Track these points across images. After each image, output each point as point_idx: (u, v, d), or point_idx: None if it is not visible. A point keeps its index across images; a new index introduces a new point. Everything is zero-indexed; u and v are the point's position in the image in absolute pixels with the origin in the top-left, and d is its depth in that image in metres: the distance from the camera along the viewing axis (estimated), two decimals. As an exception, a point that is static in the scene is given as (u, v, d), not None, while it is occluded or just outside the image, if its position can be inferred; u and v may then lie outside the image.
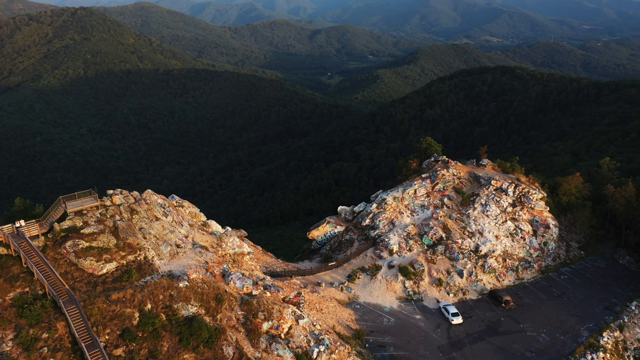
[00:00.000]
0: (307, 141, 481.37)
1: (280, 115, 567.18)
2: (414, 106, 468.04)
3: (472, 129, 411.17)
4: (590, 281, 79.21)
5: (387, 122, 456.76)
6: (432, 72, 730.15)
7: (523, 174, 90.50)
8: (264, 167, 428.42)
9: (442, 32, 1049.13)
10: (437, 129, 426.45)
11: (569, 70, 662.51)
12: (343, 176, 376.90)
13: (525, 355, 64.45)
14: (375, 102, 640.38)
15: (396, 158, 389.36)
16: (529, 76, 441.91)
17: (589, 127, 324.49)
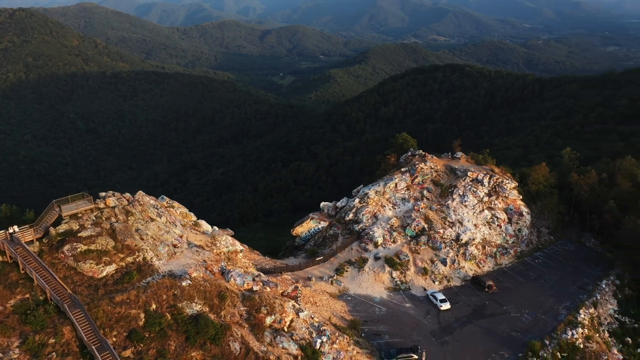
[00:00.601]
0: (264, 142, 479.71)
1: (234, 117, 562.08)
2: (369, 105, 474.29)
3: (425, 126, 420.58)
4: (562, 264, 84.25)
5: (343, 121, 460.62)
6: (383, 71, 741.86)
7: (495, 165, 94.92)
8: (220, 170, 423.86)
9: (391, 32, 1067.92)
10: (392, 127, 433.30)
11: (512, 67, 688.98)
12: (301, 176, 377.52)
13: (511, 335, 68.15)
14: (329, 101, 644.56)
15: (353, 157, 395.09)
16: (478, 74, 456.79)
17: (537, 121, 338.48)
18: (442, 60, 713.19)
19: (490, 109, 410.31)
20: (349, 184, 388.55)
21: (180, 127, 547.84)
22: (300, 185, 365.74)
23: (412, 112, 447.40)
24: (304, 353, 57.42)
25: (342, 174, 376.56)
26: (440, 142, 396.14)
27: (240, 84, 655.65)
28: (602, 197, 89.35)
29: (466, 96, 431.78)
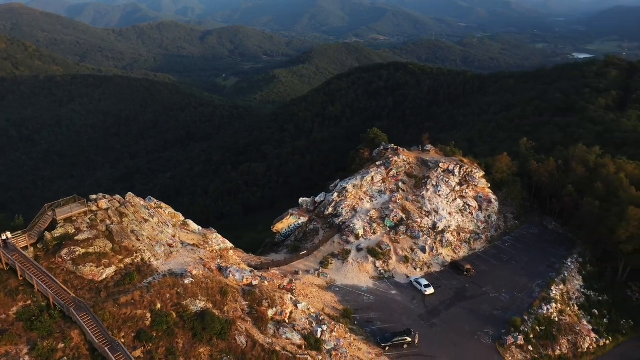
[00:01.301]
0: (211, 144, 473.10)
1: (179, 120, 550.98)
2: (316, 104, 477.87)
3: (372, 124, 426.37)
4: (529, 246, 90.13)
5: (291, 121, 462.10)
6: (327, 71, 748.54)
7: (462, 156, 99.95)
8: (167, 174, 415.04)
9: (332, 32, 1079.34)
10: (340, 125, 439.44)
11: (451, 64, 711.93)
12: (252, 177, 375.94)
13: (493, 313, 72.68)
14: (275, 101, 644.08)
15: (303, 156, 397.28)
16: (420, 71, 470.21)
17: (478, 116, 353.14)
18: (383, 59, 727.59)
19: (433, 105, 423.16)
20: (299, 182, 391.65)
21: (122, 132, 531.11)
22: (252, 186, 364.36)
23: (360, 110, 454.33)
24: (307, 342, 59.22)
25: (293, 173, 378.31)
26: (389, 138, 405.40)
27: (184, 86, 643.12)
28: (561, 183, 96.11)
29: (411, 93, 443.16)
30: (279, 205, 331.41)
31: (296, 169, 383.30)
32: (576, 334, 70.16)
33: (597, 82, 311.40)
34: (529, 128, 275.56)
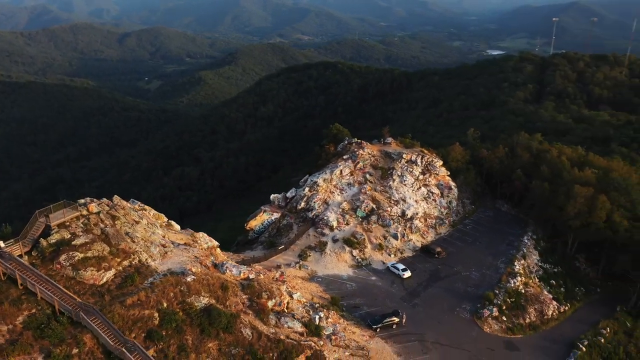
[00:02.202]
0: (139, 150, 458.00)
1: (101, 126, 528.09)
2: (247, 105, 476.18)
3: (305, 123, 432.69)
4: (488, 227, 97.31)
5: (222, 123, 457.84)
6: (253, 71, 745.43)
7: (420, 147, 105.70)
8: (94, 183, 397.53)
9: (256, 32, 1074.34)
10: (273, 125, 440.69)
11: (375, 63, 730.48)
12: (186, 181, 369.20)
13: (467, 290, 78.38)
14: (203, 104, 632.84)
15: (237, 158, 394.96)
16: (349, 70, 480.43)
17: (408, 111, 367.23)
18: (309, 58, 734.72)
19: (364, 103, 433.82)
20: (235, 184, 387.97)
21: (40, 140, 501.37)
22: (186, 191, 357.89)
23: (291, 110, 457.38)
24: (308, 329, 61.54)
25: (228, 176, 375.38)
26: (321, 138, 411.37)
27: (105, 91, 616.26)
28: (509, 168, 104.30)
29: (341, 92, 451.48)
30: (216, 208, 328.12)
31: (231, 171, 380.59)
32: (541, 302, 77.21)
33: (515, 76, 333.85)
34: (457, 122, 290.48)
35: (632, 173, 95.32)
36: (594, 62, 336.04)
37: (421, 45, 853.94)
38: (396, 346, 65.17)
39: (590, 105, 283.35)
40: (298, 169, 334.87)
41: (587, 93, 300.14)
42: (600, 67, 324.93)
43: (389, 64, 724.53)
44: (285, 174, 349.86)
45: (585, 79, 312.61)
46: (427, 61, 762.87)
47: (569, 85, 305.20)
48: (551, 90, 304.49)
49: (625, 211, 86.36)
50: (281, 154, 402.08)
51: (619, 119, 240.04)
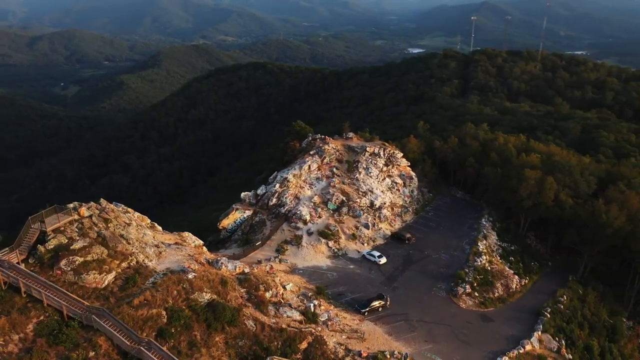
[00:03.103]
0: (61, 159, 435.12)
1: (18, 136, 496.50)
2: (177, 108, 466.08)
3: (239, 124, 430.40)
4: (447, 213, 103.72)
5: (152, 128, 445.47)
6: (178, 74, 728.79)
7: (379, 140, 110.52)
8: (13, 196, 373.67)
9: (178, 34, 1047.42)
10: (205, 128, 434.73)
11: (301, 62, 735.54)
12: (115, 190, 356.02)
13: (440, 271, 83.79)
14: (127, 109, 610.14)
15: (170, 163, 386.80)
16: (279, 70, 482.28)
17: (340, 109, 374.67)
18: (235, 60, 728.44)
19: (296, 103, 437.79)
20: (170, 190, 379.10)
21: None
22: (117, 200, 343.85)
23: (224, 112, 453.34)
24: (306, 317, 64.00)
25: (161, 182, 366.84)
26: (256, 138, 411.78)
27: (19, 98, 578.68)
28: (462, 157, 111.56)
29: (273, 92, 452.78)
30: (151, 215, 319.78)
31: (165, 176, 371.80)
32: (505, 277, 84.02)
33: (440, 73, 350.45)
34: (390, 118, 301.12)
35: (570, 156, 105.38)
36: (510, 58, 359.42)
37: (345, 44, 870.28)
38: (385, 327, 68.96)
39: (511, 98, 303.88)
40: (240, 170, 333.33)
41: (507, 87, 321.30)
42: (516, 62, 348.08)
43: (315, 63, 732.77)
44: (222, 177, 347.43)
45: (505, 73, 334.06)
46: (351, 60, 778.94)
47: (490, 80, 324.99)
48: (475, 85, 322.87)
49: (569, 190, 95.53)
50: (216, 157, 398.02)
51: (539, 109, 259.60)
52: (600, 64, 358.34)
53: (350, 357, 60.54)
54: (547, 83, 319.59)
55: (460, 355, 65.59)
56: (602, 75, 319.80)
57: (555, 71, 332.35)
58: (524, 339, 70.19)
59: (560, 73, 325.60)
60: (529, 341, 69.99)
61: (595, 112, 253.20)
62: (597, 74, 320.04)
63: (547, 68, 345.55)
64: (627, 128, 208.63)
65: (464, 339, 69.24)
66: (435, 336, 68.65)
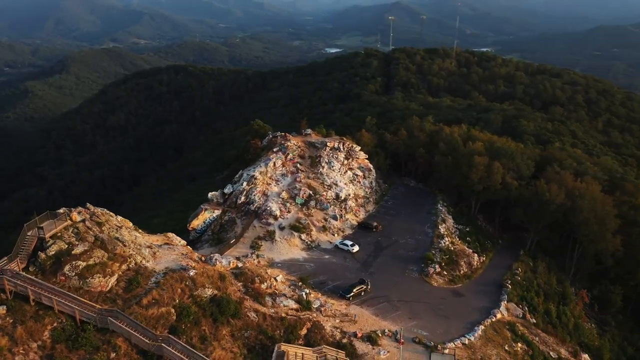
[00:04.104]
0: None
1: None
2: (93, 115, 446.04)
3: (162, 128, 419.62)
4: (405, 201, 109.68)
5: (67, 136, 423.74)
6: (89, 80, 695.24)
7: (335, 135, 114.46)
8: None
9: (85, 37, 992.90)
10: (127, 134, 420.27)
11: (219, 64, 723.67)
12: (32, 204, 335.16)
13: (409, 254, 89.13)
14: (35, 118, 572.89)
15: (91, 172, 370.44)
16: (201, 72, 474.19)
17: (269, 110, 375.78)
18: (150, 63, 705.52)
19: (221, 105, 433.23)
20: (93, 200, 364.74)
21: None
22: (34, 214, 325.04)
23: (145, 117, 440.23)
24: (301, 305, 66.44)
25: (83, 192, 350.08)
26: (181, 142, 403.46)
27: None
28: (412, 148, 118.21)
29: (196, 95, 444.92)
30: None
31: (86, 186, 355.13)
32: (467, 256, 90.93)
33: (364, 71, 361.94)
34: (320, 116, 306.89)
35: (509, 143, 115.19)
36: (428, 56, 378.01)
37: (263, 45, 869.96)
38: (371, 309, 72.91)
39: (432, 93, 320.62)
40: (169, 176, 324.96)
41: (427, 83, 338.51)
42: (434, 59, 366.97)
43: (234, 65, 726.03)
44: (149, 185, 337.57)
45: (424, 70, 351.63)
46: (270, 61, 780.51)
47: (411, 77, 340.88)
48: (397, 82, 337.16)
49: (513, 173, 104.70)
50: (140, 164, 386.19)
51: (460, 103, 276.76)
52: (509, 60, 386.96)
53: (347, 338, 63.83)
54: (463, 78, 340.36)
55: (443, 328, 70.94)
56: (511, 70, 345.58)
57: (469, 67, 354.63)
58: (494, 309, 76.99)
59: (474, 69, 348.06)
60: (499, 310, 76.87)
61: (509, 104, 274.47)
62: (507, 69, 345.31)
63: (462, 64, 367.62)
64: (541, 117, 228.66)
65: (442, 313, 74.78)
66: (417, 313, 73.61)
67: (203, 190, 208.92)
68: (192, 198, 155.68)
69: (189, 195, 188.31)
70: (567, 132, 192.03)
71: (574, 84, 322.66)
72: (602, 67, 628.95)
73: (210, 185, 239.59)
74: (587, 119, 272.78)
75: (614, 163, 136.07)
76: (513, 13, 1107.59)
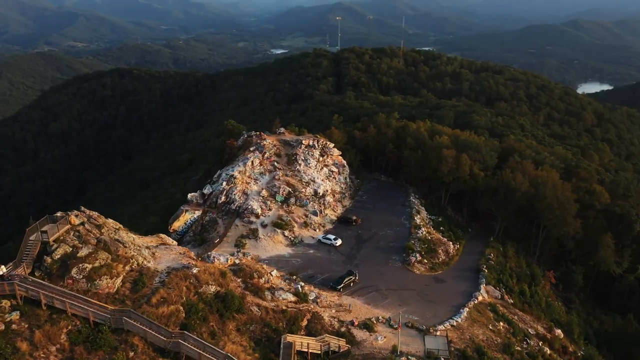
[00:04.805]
0: None
1: None
2: (33, 122, 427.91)
3: (109, 134, 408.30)
4: (379, 195, 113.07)
5: (6, 145, 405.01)
6: (24, 85, 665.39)
7: (309, 134, 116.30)
8: None
9: (16, 40, 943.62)
10: (71, 141, 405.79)
11: (163, 67, 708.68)
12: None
13: (389, 245, 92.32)
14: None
15: (34, 181, 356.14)
16: (147, 75, 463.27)
17: (220, 112, 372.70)
18: (89, 67, 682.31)
19: (170, 108, 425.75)
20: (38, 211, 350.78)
21: None
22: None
23: (90, 123, 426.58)
24: (299, 297, 68.07)
25: (26, 203, 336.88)
26: (130, 147, 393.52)
27: None
28: (381, 144, 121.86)
29: (143, 99, 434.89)
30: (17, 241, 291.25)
31: (29, 197, 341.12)
32: (444, 244, 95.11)
33: (315, 71, 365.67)
34: (274, 117, 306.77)
35: (473, 136, 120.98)
36: (376, 55, 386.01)
37: (207, 47, 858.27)
38: (362, 298, 75.46)
39: (382, 92, 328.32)
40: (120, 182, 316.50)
41: (377, 82, 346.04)
42: (382, 59, 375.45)
43: (178, 67, 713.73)
44: (98, 192, 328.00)
45: (373, 69, 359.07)
46: (216, 63, 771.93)
47: (362, 76, 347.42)
48: (348, 81, 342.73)
49: (479, 164, 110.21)
50: (86, 171, 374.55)
51: (411, 100, 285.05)
52: (454, 58, 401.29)
53: (345, 327, 66.11)
54: (411, 77, 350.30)
55: (431, 312, 74.44)
56: (456, 68, 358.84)
57: (416, 66, 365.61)
58: (475, 292, 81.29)
59: (421, 67, 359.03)
60: (479, 293, 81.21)
61: (457, 100, 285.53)
62: (452, 67, 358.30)
63: (409, 63, 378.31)
64: (490, 112, 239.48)
65: (428, 298, 78.33)
66: (405, 300, 76.75)
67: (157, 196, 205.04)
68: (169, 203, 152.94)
69: (145, 201, 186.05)
70: (516, 125, 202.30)
71: (516, 80, 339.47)
72: (537, 64, 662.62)
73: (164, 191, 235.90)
74: (530, 113, 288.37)
75: (568, 152, 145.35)
76: (452, 13, 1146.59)
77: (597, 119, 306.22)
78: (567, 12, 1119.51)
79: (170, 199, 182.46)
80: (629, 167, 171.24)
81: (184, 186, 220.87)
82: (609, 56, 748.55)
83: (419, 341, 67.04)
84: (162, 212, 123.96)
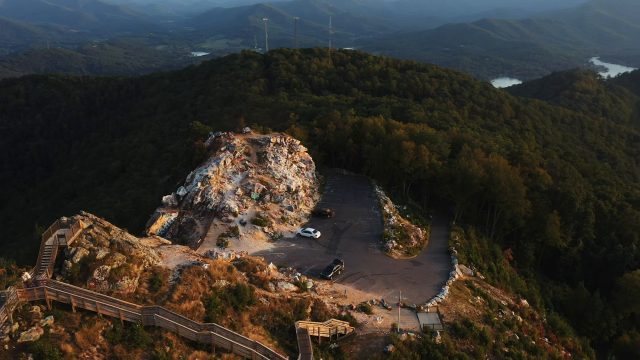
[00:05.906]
0: None
1: None
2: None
3: (25, 145, 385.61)
4: (345, 188, 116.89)
5: None
6: None
7: (274, 132, 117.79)
8: None
9: None
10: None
11: (77, 72, 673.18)
12: None
13: (366, 234, 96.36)
14: None
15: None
16: (65, 81, 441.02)
17: (148, 117, 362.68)
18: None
19: (92, 115, 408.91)
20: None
21: None
22: None
23: (3, 133, 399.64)
24: (300, 287, 70.36)
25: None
26: (51, 158, 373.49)
27: None
28: (341, 139, 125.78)
29: (62, 106, 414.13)
30: None
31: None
32: (414, 230, 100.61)
33: (245, 73, 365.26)
34: (208, 120, 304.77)
35: (426, 128, 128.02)
36: (305, 55, 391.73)
37: (124, 51, 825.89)
38: (353, 284, 79.01)
39: (314, 92, 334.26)
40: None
41: (309, 82, 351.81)
42: (311, 59, 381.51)
43: (93, 72, 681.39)
44: (18, 207, 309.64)
45: (304, 69, 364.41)
46: (134, 67, 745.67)
47: (293, 77, 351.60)
48: (280, 82, 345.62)
49: (437, 154, 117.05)
50: (1, 185, 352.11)
51: (346, 99, 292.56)
52: (379, 57, 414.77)
53: (345, 311, 69.39)
54: (341, 76, 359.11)
55: (417, 292, 79.41)
56: (383, 66, 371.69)
57: (345, 65, 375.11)
58: (451, 271, 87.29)
59: (349, 66, 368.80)
60: (455, 272, 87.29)
61: (388, 98, 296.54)
62: (379, 66, 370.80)
63: (337, 63, 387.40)
64: (423, 108, 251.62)
65: (411, 280, 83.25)
66: (391, 283, 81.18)
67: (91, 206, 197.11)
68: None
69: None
70: (451, 119, 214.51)
71: (439, 76, 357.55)
72: (453, 62, 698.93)
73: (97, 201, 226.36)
74: (455, 108, 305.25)
75: (509, 140, 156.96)
76: (369, 13, 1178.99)
77: (515, 111, 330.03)
78: (476, 11, 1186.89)
79: (109, 207, 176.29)
80: (553, 153, 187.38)
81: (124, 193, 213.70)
82: (517, 53, 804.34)
83: (413, 318, 71.64)
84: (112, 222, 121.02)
